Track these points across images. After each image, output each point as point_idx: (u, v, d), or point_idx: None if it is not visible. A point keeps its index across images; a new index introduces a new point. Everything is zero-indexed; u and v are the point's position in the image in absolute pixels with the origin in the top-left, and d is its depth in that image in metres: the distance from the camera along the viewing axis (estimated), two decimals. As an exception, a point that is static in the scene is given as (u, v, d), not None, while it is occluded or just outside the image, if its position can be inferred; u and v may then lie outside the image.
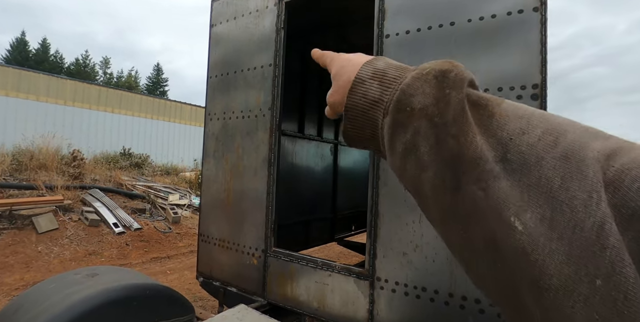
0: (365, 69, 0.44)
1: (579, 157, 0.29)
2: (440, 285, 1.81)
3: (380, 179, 2.05)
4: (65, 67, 43.60)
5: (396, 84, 0.40)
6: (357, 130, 0.45)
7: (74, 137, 10.59)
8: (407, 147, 0.37)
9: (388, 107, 0.39)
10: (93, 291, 1.81)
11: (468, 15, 1.86)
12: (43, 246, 6.02)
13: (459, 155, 0.33)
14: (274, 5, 2.71)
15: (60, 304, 1.72)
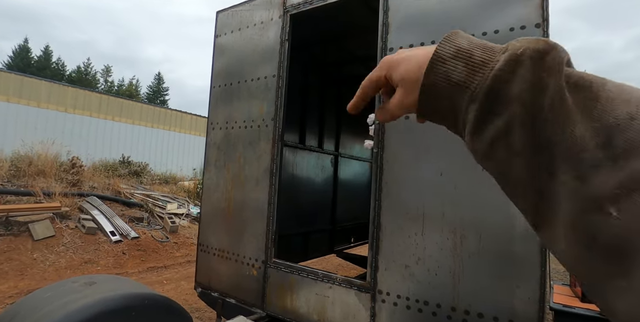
0: (446, 46, 0.41)
1: None
2: (443, 299, 1.80)
3: (383, 191, 2.05)
4: (67, 74, 43.89)
5: (487, 69, 0.37)
6: (435, 112, 0.43)
7: (73, 144, 10.58)
8: (497, 133, 0.35)
9: (477, 94, 0.37)
10: (91, 300, 1.78)
11: (471, 31, 1.89)
12: (39, 253, 5.95)
13: (555, 143, 0.32)
14: (279, 17, 2.76)
15: (57, 312, 1.70)
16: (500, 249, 1.69)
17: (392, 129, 2.07)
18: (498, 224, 1.70)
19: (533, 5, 1.74)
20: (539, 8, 1.73)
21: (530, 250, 1.62)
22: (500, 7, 1.83)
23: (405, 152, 2.01)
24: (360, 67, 4.58)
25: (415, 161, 1.97)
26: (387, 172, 2.05)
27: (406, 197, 1.97)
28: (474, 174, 1.78)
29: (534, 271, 1.60)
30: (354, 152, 5.68)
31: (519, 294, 1.63)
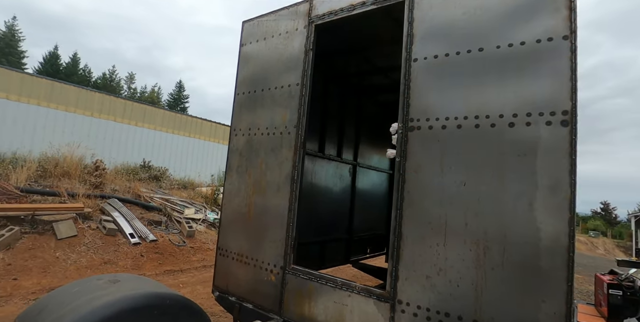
0: None
1: None
2: (464, 311, 1.77)
3: (405, 200, 2.04)
4: (93, 81, 45.44)
5: None
6: None
7: (97, 148, 10.93)
8: None
9: None
10: (115, 298, 1.83)
11: (497, 42, 1.90)
12: (61, 252, 6.12)
13: None
14: (304, 27, 2.83)
15: (83, 307, 1.75)
16: (525, 262, 1.66)
17: (415, 138, 2.07)
18: (523, 237, 1.67)
19: (561, 17, 1.74)
20: (567, 20, 1.72)
21: (556, 264, 1.58)
22: (526, 18, 1.84)
23: (428, 162, 2.01)
24: (381, 77, 4.62)
25: (438, 170, 1.97)
26: (409, 181, 2.05)
27: (428, 206, 1.96)
28: (499, 186, 1.76)
29: (560, 286, 1.57)
30: (372, 162, 5.68)
31: (544, 308, 1.59)
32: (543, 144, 1.69)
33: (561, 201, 1.61)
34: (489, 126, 1.85)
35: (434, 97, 2.05)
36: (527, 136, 1.74)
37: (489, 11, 1.94)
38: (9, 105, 10.62)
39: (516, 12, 1.86)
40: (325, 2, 2.72)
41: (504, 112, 1.81)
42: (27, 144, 10.20)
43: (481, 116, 1.87)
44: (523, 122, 1.76)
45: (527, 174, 1.70)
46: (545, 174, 1.66)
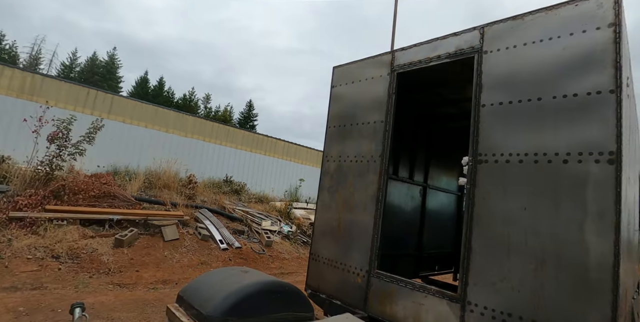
0: None
1: None
2: (524, 312, 2.18)
3: (474, 220, 2.52)
4: (175, 101, 50.45)
5: None
6: None
7: (189, 164, 12.56)
8: None
9: None
10: (252, 281, 2.55)
11: (552, 93, 2.34)
12: (168, 251, 7.31)
13: None
14: (387, 74, 3.46)
15: (234, 285, 2.48)
16: (576, 274, 2.04)
17: (483, 170, 2.56)
18: (574, 254, 2.06)
19: (608, 74, 2.15)
20: (612, 77, 2.13)
21: (603, 277, 1.95)
22: (579, 73, 2.26)
23: (494, 190, 2.48)
24: (449, 107, 5.08)
25: (502, 197, 2.42)
26: (478, 205, 2.53)
27: (494, 226, 2.42)
28: (554, 212, 2.18)
29: (607, 296, 1.93)
30: (441, 184, 6.05)
31: (593, 314, 1.96)
32: (592, 178, 2.09)
33: (608, 225, 1.99)
34: (546, 162, 2.28)
35: (499, 136, 2.53)
36: (578, 171, 2.14)
37: (547, 67, 2.39)
38: (123, 127, 12.80)
39: (570, 69, 2.29)
40: (406, 54, 3.34)
41: (559, 151, 2.24)
42: (136, 160, 12.13)
43: (539, 154, 2.31)
44: (575, 160, 2.17)
45: (579, 203, 2.11)
46: (594, 203, 2.06)
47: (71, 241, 6.55)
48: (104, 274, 5.94)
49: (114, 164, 11.60)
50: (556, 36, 2.33)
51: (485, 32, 2.71)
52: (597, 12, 2.18)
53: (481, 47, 2.72)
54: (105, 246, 6.79)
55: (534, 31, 2.45)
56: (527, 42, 2.48)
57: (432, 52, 3.06)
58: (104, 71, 44.39)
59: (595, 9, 2.19)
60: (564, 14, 2.32)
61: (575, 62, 2.26)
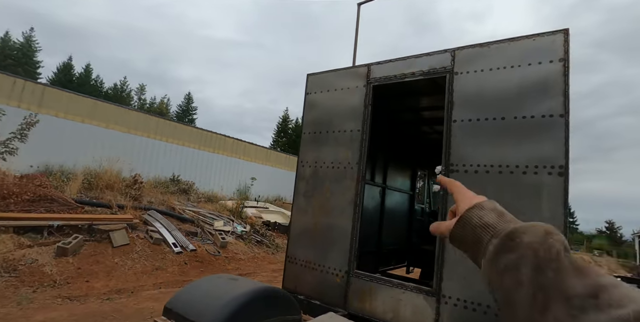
0: (488, 203, 0.61)
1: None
2: (491, 302, 2.54)
3: (447, 222, 2.84)
4: (104, 91, 46.52)
5: (511, 223, 0.54)
6: (461, 236, 0.60)
7: (133, 162, 11.84)
8: (508, 265, 0.47)
9: (499, 233, 0.53)
10: (247, 289, 2.62)
11: (513, 113, 2.72)
12: (118, 258, 6.91)
13: (554, 285, 0.42)
14: (363, 86, 3.68)
15: (229, 293, 2.54)
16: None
17: (455, 178, 2.88)
18: (533, 251, 2.46)
19: (558, 101, 2.57)
20: (562, 104, 2.55)
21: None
22: (536, 98, 2.66)
23: (464, 196, 2.81)
24: (409, 114, 5.48)
25: (471, 202, 2.77)
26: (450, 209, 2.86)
27: (465, 228, 2.76)
28: (516, 214, 2.56)
29: (559, 284, 2.35)
30: (396, 184, 6.48)
31: (547, 300, 2.37)
32: (546, 187, 2.50)
33: (559, 225, 2.40)
34: (508, 172, 2.66)
35: (468, 149, 2.88)
36: (535, 181, 2.55)
37: (509, 91, 2.78)
38: (57, 122, 11.64)
39: (528, 94, 2.69)
40: (381, 68, 3.59)
41: (519, 163, 2.63)
42: (72, 159, 11.13)
43: (503, 165, 2.69)
44: (532, 171, 2.57)
45: (536, 207, 2.51)
46: (547, 207, 2.47)
47: (5, 252, 5.94)
48: (49, 287, 5.48)
49: (47, 163, 10.55)
50: (517, 65, 2.72)
51: (456, 55, 3.04)
52: (551, 48, 2.59)
53: (452, 68, 3.05)
54: (46, 255, 6.25)
55: (498, 58, 2.82)
56: (492, 67, 2.84)
57: (407, 69, 3.34)
58: (19, 54, 39.35)
59: (549, 44, 2.60)
60: (523, 46, 2.71)
61: (532, 88, 2.66)
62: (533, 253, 0.46)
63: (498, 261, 0.50)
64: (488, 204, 0.61)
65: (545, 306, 0.42)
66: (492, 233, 0.55)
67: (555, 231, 0.49)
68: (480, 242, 0.56)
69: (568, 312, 0.40)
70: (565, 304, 0.40)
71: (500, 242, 0.51)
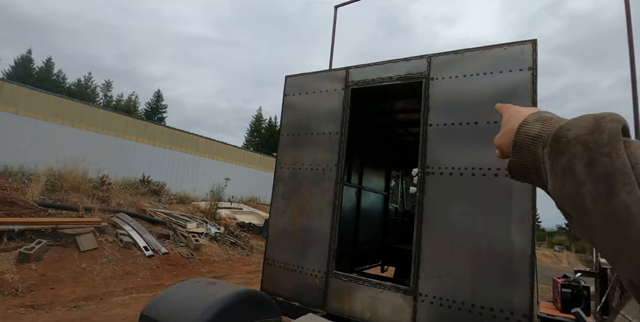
0: (532, 115, 0.55)
1: None
2: (465, 298, 2.66)
3: (424, 223, 2.94)
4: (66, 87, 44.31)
5: (556, 123, 0.49)
6: (520, 163, 0.53)
7: (100, 163, 11.36)
8: (564, 169, 0.43)
9: (547, 141, 0.47)
10: (227, 293, 2.61)
11: (487, 119, 2.86)
12: (86, 263, 6.63)
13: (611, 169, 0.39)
14: (342, 89, 3.74)
15: (209, 298, 2.51)
16: (505, 265, 2.57)
17: (430, 180, 2.99)
18: (503, 249, 2.59)
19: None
20: (530, 110, 2.70)
21: (524, 266, 2.50)
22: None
23: (440, 197, 2.93)
24: (384, 117, 5.60)
25: (446, 203, 2.88)
26: (426, 210, 2.96)
27: (440, 228, 2.87)
28: (487, 215, 2.69)
29: (526, 280, 2.49)
30: (372, 185, 6.60)
31: (516, 295, 2.50)
32: (515, 189, 2.64)
33: (527, 225, 2.54)
34: (481, 175, 2.79)
35: (443, 152, 2.99)
36: (505, 183, 2.68)
37: (481, 97, 2.91)
38: (16, 120, 10.98)
39: (499, 100, 2.83)
40: (359, 72, 3.65)
41: (491, 166, 2.76)
42: (33, 159, 10.55)
43: (476, 168, 2.81)
44: (503, 174, 2.70)
45: (506, 208, 2.64)
46: (517, 208, 2.61)
47: (-39, 259, 5.57)
48: (10, 296, 5.19)
49: (5, 163, 9.94)
50: (489, 72, 2.86)
51: (432, 61, 3.15)
52: (520, 57, 2.74)
53: (428, 74, 3.15)
54: (6, 262, 5.91)
55: (472, 65, 2.95)
56: (466, 74, 2.97)
57: (385, 73, 3.42)
58: (-31, 45, 36.64)
59: (518, 54, 2.75)
60: (495, 55, 2.85)
61: (503, 95, 2.80)
62: (582, 147, 0.42)
63: (554, 170, 0.45)
64: (532, 116, 0.55)
65: (609, 193, 0.38)
66: (542, 143, 0.50)
67: (608, 114, 0.44)
68: (538, 158, 0.51)
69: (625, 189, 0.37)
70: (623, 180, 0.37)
71: (549, 149, 0.47)
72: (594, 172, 0.40)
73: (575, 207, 0.43)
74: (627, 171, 0.38)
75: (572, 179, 0.42)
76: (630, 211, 0.36)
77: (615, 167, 0.39)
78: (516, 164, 0.55)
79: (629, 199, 0.36)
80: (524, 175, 0.55)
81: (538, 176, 0.52)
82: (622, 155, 0.39)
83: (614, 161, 0.39)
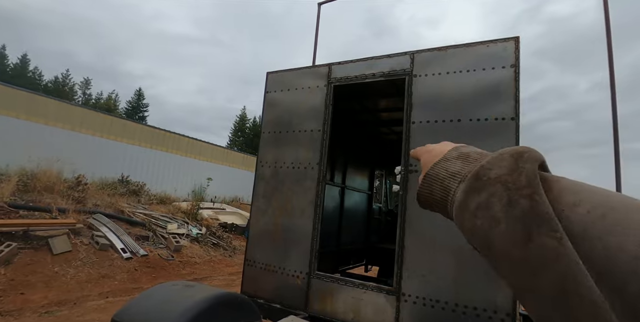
0: (452, 152, 0.54)
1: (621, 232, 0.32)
2: (449, 298, 2.62)
3: (407, 221, 2.90)
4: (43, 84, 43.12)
5: (477, 162, 0.48)
6: (429, 194, 0.54)
7: (77, 162, 10.98)
8: (480, 206, 0.42)
9: (465, 177, 0.47)
10: (205, 296, 2.49)
11: (468, 116, 2.83)
12: (59, 267, 6.36)
13: (531, 211, 0.37)
14: (324, 86, 3.66)
15: (186, 301, 2.40)
16: (486, 263, 2.54)
17: (414, 178, 2.95)
18: (487, 247, 2.57)
19: (510, 105, 2.70)
20: (513, 107, 2.69)
21: (507, 265, 2.48)
22: (489, 102, 2.78)
23: (423, 195, 2.88)
24: (368, 115, 5.56)
25: (430, 202, 2.84)
26: (409, 208, 2.91)
27: (423, 226, 2.83)
28: (471, 213, 2.66)
29: (510, 279, 2.46)
30: (355, 184, 6.55)
31: (500, 294, 2.48)
32: (499, 187, 2.62)
33: (510, 224, 2.52)
34: (464, 173, 2.76)
35: (426, 150, 2.94)
36: (489, 181, 2.66)
37: (464, 94, 2.88)
38: (-16, 118, 10.50)
39: (482, 98, 2.81)
40: (342, 68, 3.59)
41: (474, 164, 2.73)
42: (4, 159, 10.10)
43: (459, 166, 2.78)
44: (486, 172, 2.68)
45: (489, 206, 2.62)
46: (500, 206, 2.58)
47: None
48: (-24, 301, 4.92)
49: (-28, 163, 9.48)
50: (472, 69, 2.83)
51: (415, 58, 3.11)
52: (503, 54, 2.72)
53: (411, 71, 3.11)
54: (-28, 265, 5.60)
55: (455, 62, 2.92)
56: (449, 71, 2.94)
57: (368, 69, 3.37)
58: None
59: (501, 51, 2.73)
60: (478, 52, 2.83)
61: (486, 92, 2.77)
62: (503, 186, 0.41)
63: (468, 204, 0.44)
64: (452, 153, 0.54)
65: (526, 237, 0.37)
66: (460, 179, 0.49)
67: (525, 151, 0.44)
68: (449, 192, 0.50)
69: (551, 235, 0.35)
70: (548, 227, 0.36)
71: (467, 185, 0.46)
72: (512, 213, 0.39)
73: (484, 244, 0.43)
74: (551, 218, 0.37)
75: (487, 217, 0.42)
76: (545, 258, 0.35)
77: (537, 212, 0.38)
78: (425, 195, 0.55)
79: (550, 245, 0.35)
80: (430, 205, 0.56)
81: (443, 209, 0.53)
82: (544, 201, 0.38)
83: (534, 206, 0.38)
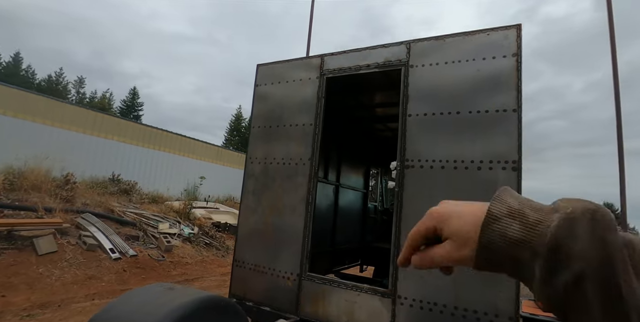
0: (498, 206, 0.45)
1: None
2: (447, 300, 2.47)
3: (403, 220, 2.74)
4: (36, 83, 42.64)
5: (543, 226, 0.41)
6: (494, 266, 0.45)
7: (67, 160, 10.73)
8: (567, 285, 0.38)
9: (537, 249, 0.40)
10: (186, 299, 2.32)
11: (468, 108, 2.68)
12: (44, 268, 6.14)
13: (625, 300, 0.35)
14: (316, 78, 3.50)
15: (168, 304, 2.22)
16: None
17: (410, 174, 2.79)
18: (488, 247, 2.42)
19: (512, 95, 2.56)
20: (515, 98, 2.54)
21: (509, 265, 2.33)
22: (490, 93, 2.63)
23: (420, 191, 2.73)
24: (362, 111, 5.41)
25: (428, 198, 2.69)
26: (405, 206, 2.76)
27: (420, 225, 2.67)
28: (471, 211, 2.51)
29: (511, 280, 2.32)
30: (350, 182, 6.40)
31: (501, 297, 2.33)
32: (500, 182, 2.47)
33: (512, 222, 2.37)
34: (463, 168, 2.61)
35: (423, 144, 2.79)
36: (489, 176, 2.51)
37: (464, 85, 2.73)
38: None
39: (482, 88, 2.66)
40: (335, 59, 3.42)
41: (474, 158, 2.58)
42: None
43: (458, 161, 2.63)
44: (487, 167, 2.53)
45: (490, 203, 2.47)
46: (501, 203, 2.43)
47: None
48: (-47, 304, 4.70)
49: (-44, 161, 9.21)
50: (472, 59, 2.68)
51: (412, 48, 2.95)
52: (504, 43, 2.57)
53: (408, 61, 2.96)
54: (-49, 266, 5.38)
55: (454, 52, 2.76)
56: (447, 61, 2.78)
57: (362, 60, 3.20)
58: None
59: (502, 39, 2.58)
60: (478, 41, 2.68)
61: (486, 83, 2.62)
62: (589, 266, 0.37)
63: (554, 283, 0.39)
64: (499, 208, 0.45)
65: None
66: (529, 249, 0.42)
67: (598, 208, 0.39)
68: (519, 261, 0.43)
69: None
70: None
71: (546, 263, 0.40)
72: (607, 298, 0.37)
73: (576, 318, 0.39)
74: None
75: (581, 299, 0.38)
76: None
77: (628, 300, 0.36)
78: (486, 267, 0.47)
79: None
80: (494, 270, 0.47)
81: (513, 274, 0.46)
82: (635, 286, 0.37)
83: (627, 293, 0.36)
